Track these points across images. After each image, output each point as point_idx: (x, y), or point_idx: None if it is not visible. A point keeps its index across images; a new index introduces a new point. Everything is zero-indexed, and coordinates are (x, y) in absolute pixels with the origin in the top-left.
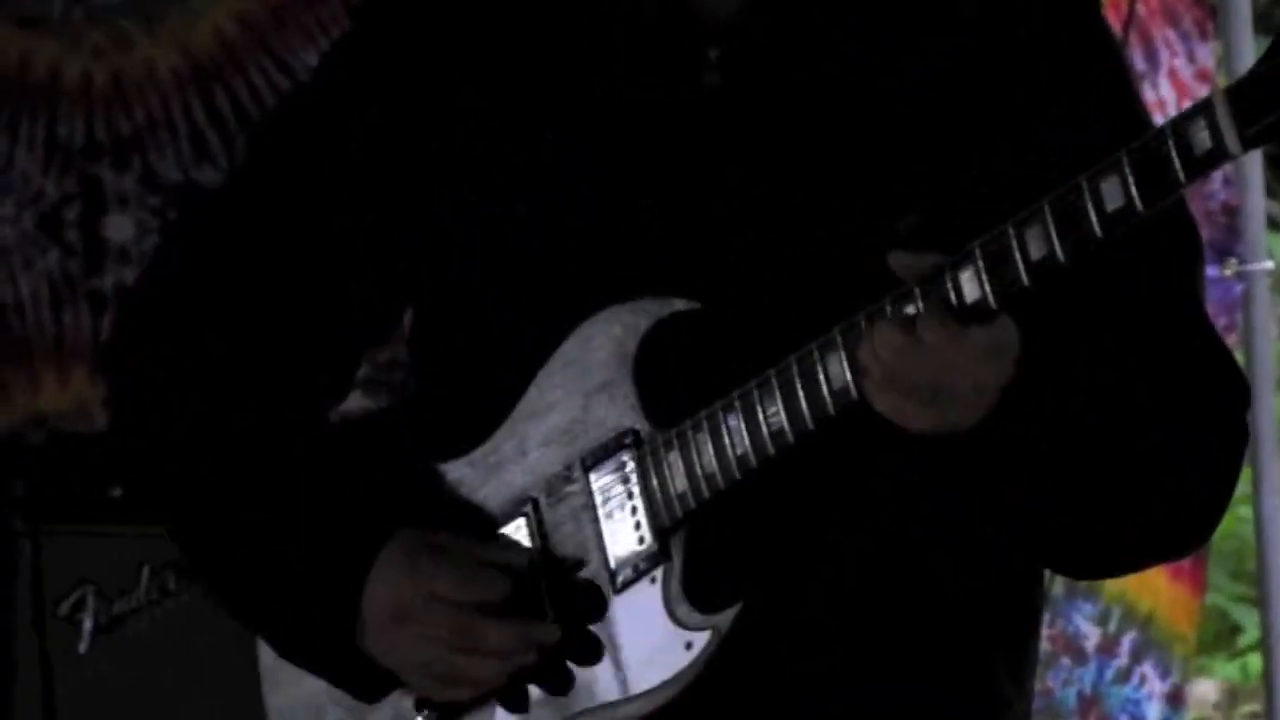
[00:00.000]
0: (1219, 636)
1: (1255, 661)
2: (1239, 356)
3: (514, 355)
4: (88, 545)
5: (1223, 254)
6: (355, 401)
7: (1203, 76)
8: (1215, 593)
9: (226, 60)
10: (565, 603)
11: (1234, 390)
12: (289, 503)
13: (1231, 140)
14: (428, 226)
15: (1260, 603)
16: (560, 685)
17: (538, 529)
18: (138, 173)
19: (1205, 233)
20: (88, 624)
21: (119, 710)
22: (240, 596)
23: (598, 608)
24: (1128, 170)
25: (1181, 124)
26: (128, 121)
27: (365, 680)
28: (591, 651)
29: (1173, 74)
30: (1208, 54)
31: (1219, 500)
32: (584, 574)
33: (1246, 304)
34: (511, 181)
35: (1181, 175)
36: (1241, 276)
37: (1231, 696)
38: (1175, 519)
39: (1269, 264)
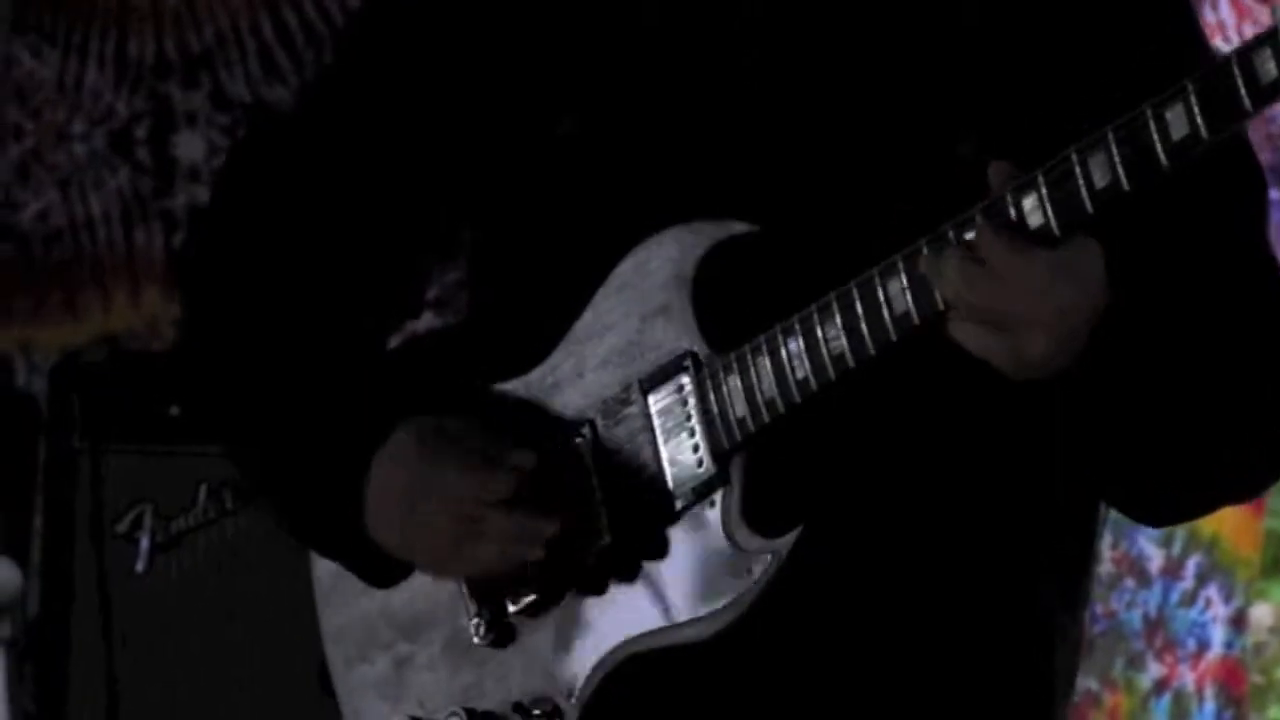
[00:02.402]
0: (1276, 560)
1: None
2: None
3: (570, 277)
4: (146, 464)
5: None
6: (426, 321)
7: None
8: (1271, 516)
9: None
10: (623, 524)
11: None
12: (329, 410)
13: None
14: (488, 147)
15: None
16: (612, 605)
17: (595, 450)
18: (207, 90)
19: (1265, 156)
20: (145, 542)
21: (176, 627)
22: (276, 495)
23: (655, 528)
24: (1193, 98)
25: (1247, 53)
26: (197, 39)
27: (374, 564)
28: (640, 569)
29: None
30: None
31: None
32: (643, 496)
33: None
34: (568, 104)
35: (1248, 104)
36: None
37: None
38: (1253, 461)
39: None
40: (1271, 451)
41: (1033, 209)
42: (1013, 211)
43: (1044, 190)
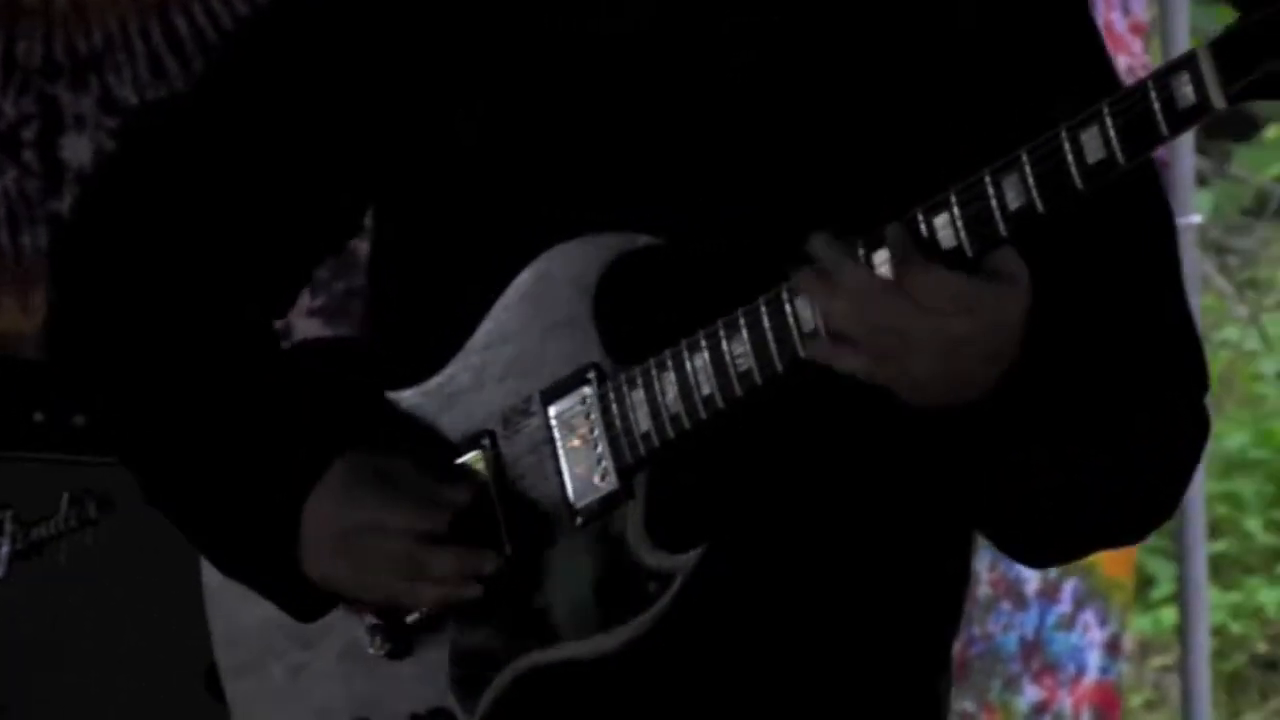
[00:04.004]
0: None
1: (1168, 614)
2: None
3: (471, 285)
4: (7, 469)
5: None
6: (315, 330)
7: (1137, 30)
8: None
9: None
10: (522, 537)
11: (1203, 378)
12: (238, 418)
13: (1215, 94)
14: (388, 146)
15: (1177, 556)
16: (510, 618)
17: (495, 462)
18: (95, 94)
19: None
20: (4, 548)
21: (35, 635)
22: (185, 512)
23: (555, 543)
24: (1109, 121)
25: (1164, 77)
26: (86, 42)
27: (303, 600)
28: (539, 583)
29: (1108, 27)
30: (1143, 6)
31: (1181, 491)
32: (542, 509)
33: None
34: (474, 109)
35: (1164, 128)
36: None
37: (1144, 649)
38: (1142, 507)
39: (1196, 218)
40: (1153, 504)
41: (945, 228)
42: (925, 230)
43: (956, 210)
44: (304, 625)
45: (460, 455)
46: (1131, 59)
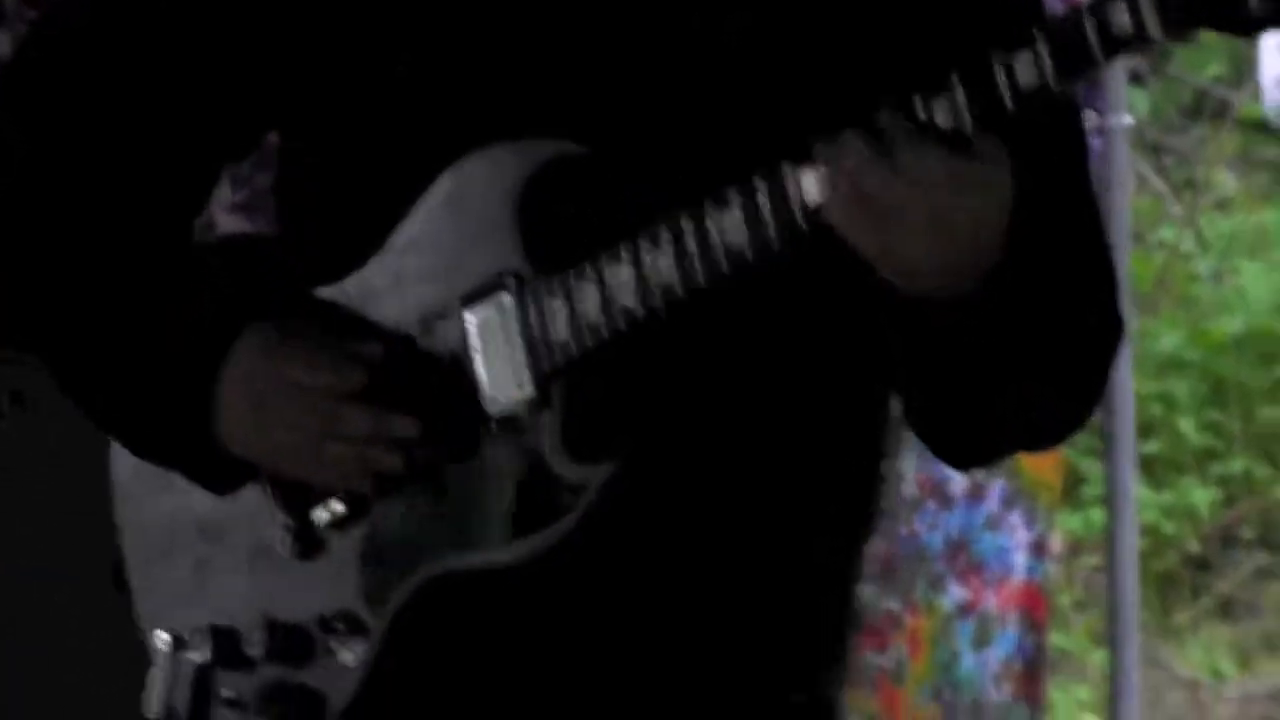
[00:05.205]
0: (1064, 488)
1: (1099, 514)
2: None
3: (391, 186)
4: None
5: (1083, 108)
6: (234, 224)
7: None
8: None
9: None
10: (437, 438)
11: (1112, 283)
12: (150, 299)
13: (1153, 25)
14: (307, 49)
15: (1105, 457)
16: (422, 522)
17: (410, 363)
18: None
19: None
20: None
21: None
22: (98, 395)
23: (471, 449)
24: (1043, 47)
25: (1102, 5)
26: None
27: (217, 471)
28: (459, 493)
29: None
30: None
31: (1096, 396)
32: (458, 415)
33: (1104, 160)
34: (397, 14)
35: (1099, 56)
36: (1101, 131)
37: (1074, 549)
38: (1057, 410)
39: (1128, 119)
40: (1068, 409)
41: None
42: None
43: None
44: (213, 520)
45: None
46: None
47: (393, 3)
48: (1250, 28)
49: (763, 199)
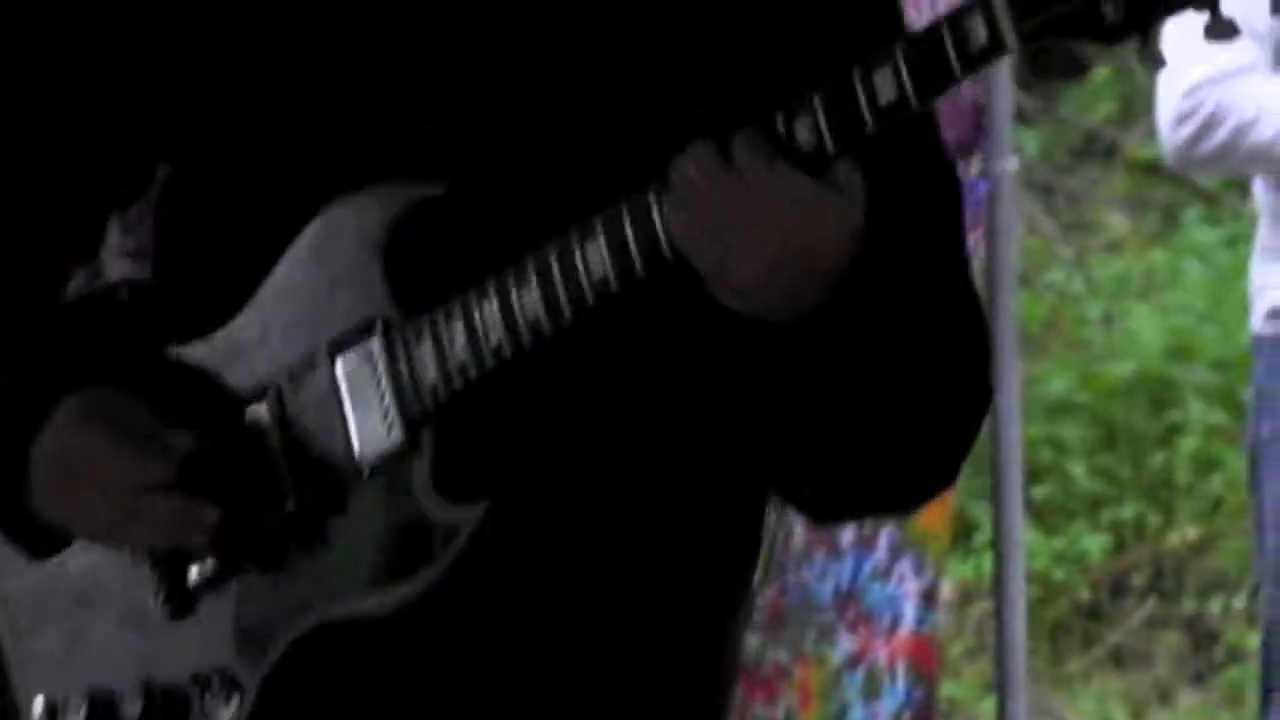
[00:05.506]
0: (955, 536)
1: (989, 561)
2: (981, 255)
3: (256, 238)
4: None
5: (968, 151)
6: (125, 269)
7: None
8: (960, 494)
9: None
10: (308, 493)
11: (986, 348)
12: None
13: (1009, 35)
14: (175, 94)
15: (993, 503)
16: (296, 575)
17: (280, 416)
18: None
19: (952, 132)
20: None
21: None
22: None
23: (343, 498)
24: (901, 62)
25: (958, 17)
26: None
27: (31, 536)
28: (325, 537)
29: None
30: None
31: (959, 461)
32: (330, 464)
33: (991, 203)
34: (260, 56)
35: (957, 69)
36: (986, 175)
37: (965, 597)
38: (917, 473)
39: (1014, 163)
40: (929, 472)
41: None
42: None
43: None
44: (87, 584)
45: (245, 410)
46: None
47: (283, 29)
48: (1106, 36)
49: (628, 225)
